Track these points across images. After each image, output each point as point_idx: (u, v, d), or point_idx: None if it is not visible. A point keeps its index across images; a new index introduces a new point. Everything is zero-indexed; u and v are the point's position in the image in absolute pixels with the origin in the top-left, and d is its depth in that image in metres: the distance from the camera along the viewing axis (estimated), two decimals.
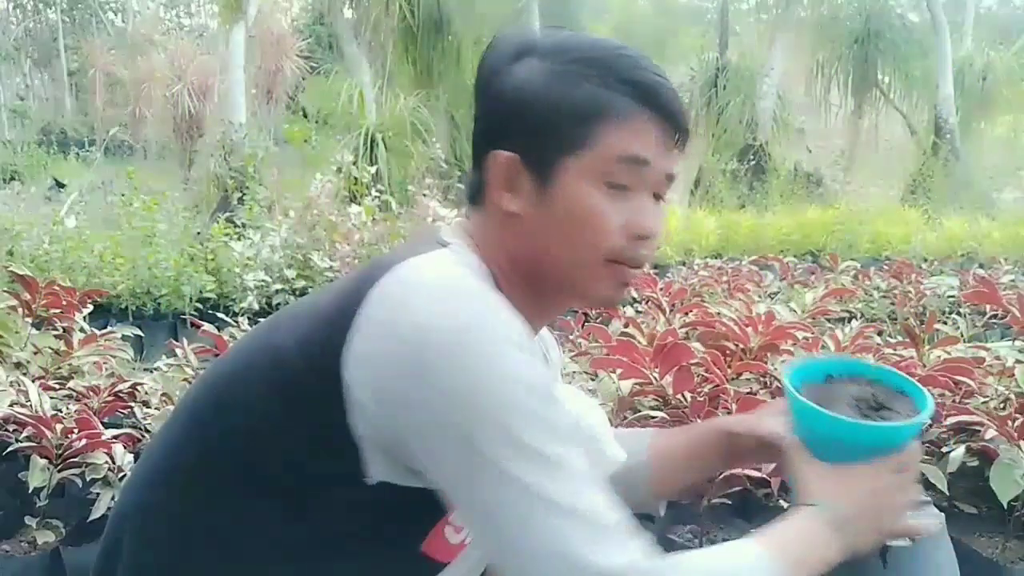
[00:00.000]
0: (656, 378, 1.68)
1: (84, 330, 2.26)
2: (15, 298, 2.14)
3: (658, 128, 0.80)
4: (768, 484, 1.48)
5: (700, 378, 1.72)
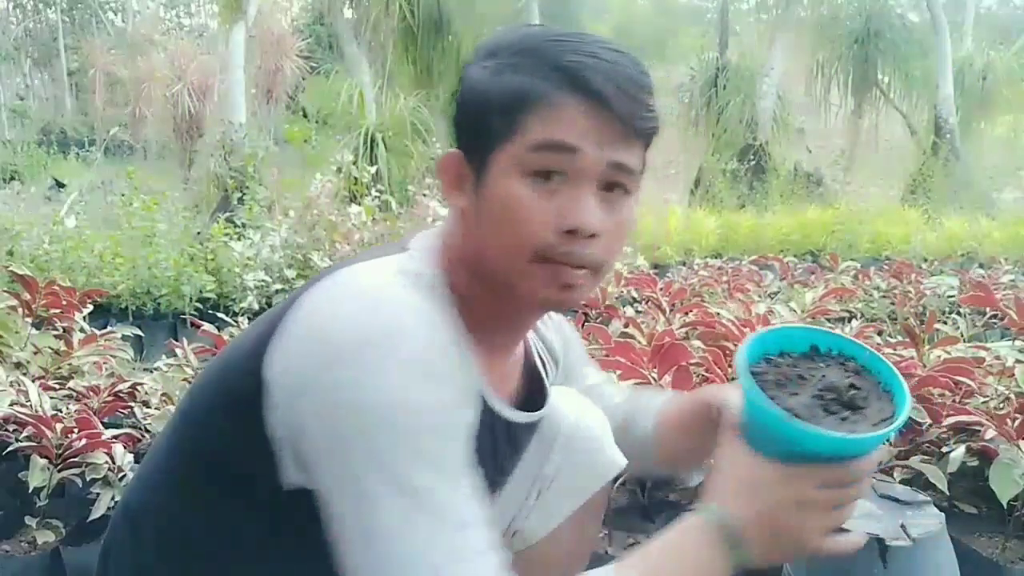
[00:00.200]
0: (655, 378, 1.68)
1: (84, 330, 2.26)
2: (15, 298, 2.13)
3: (588, 113, 0.74)
4: None
5: (700, 378, 1.72)
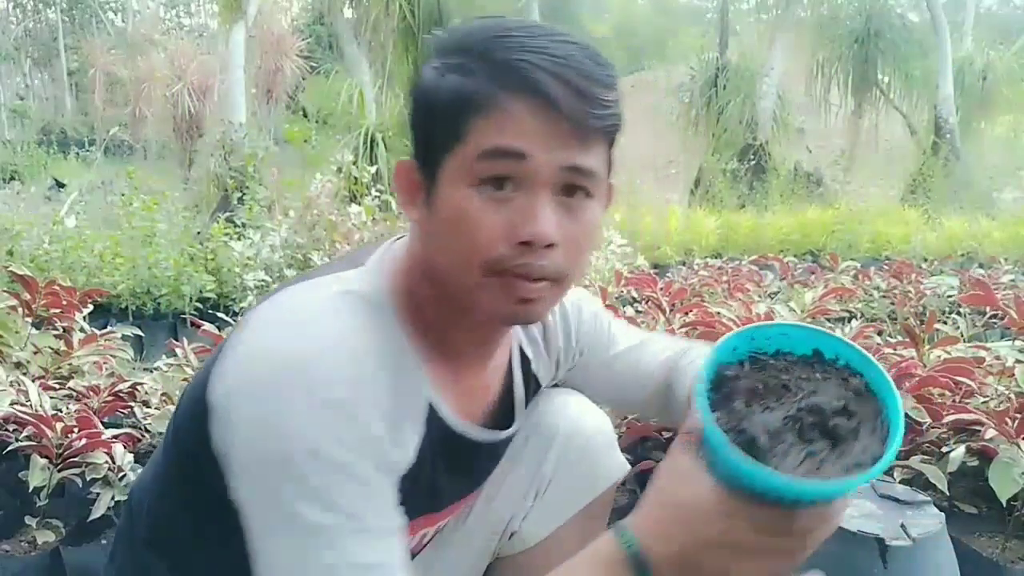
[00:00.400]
0: None
1: (84, 330, 2.26)
2: (15, 298, 2.13)
3: (535, 115, 0.69)
4: None
5: None
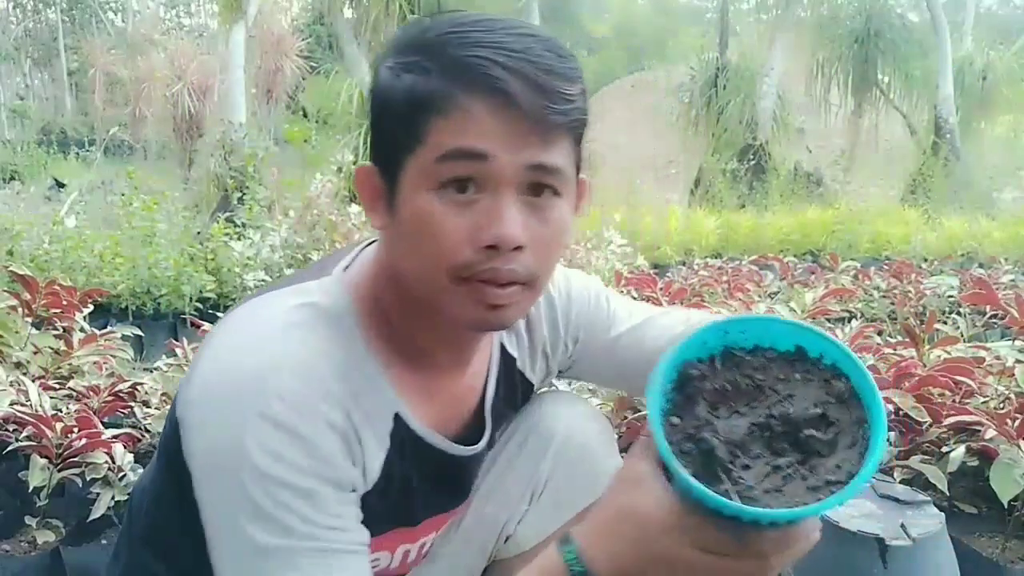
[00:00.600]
0: None
1: (84, 330, 2.26)
2: (15, 298, 2.13)
3: (494, 113, 0.66)
4: None
5: None
